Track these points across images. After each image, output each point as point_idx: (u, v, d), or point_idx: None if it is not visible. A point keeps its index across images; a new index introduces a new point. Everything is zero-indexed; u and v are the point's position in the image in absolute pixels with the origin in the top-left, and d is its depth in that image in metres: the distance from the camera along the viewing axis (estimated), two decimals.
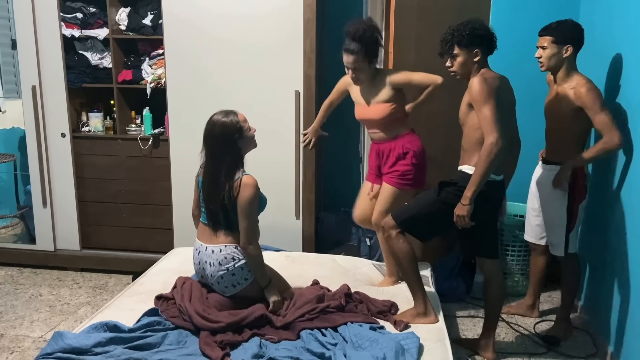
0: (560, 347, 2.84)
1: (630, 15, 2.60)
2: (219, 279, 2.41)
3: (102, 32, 3.63)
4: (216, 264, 2.40)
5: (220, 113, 2.42)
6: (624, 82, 2.66)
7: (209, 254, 2.43)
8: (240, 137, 2.39)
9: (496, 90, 2.34)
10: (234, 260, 2.40)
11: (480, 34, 2.43)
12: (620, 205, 2.62)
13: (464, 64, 2.45)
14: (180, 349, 2.19)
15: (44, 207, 3.76)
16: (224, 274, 2.40)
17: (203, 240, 2.48)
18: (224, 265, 2.39)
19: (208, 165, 2.43)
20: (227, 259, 2.40)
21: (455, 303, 3.35)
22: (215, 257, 2.41)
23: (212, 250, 2.42)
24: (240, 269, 2.40)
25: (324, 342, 2.21)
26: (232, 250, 2.41)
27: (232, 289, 2.42)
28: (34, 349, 2.78)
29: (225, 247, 2.41)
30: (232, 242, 2.43)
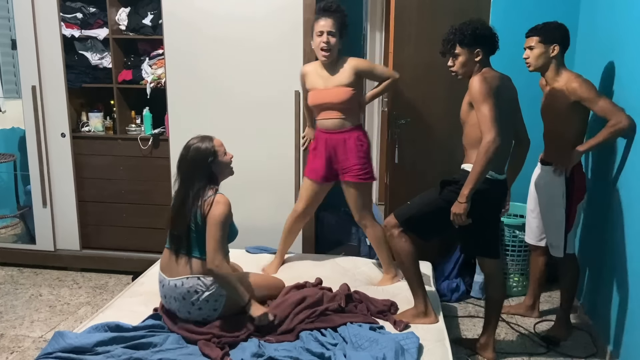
0: (560, 347, 2.84)
1: (630, 15, 2.60)
2: (186, 314, 2.31)
3: (102, 32, 3.63)
4: (180, 299, 2.29)
5: (196, 138, 2.37)
6: (624, 81, 2.66)
7: (172, 288, 2.31)
8: (213, 162, 2.33)
9: (496, 89, 2.35)
10: (198, 293, 2.28)
11: (482, 33, 2.43)
12: (620, 205, 2.62)
13: (465, 64, 2.46)
14: (180, 349, 2.19)
15: (44, 207, 3.76)
16: (190, 309, 2.29)
17: (165, 272, 2.35)
18: (188, 300, 2.28)
19: (178, 189, 2.34)
20: (191, 293, 2.28)
21: (455, 303, 3.35)
22: (179, 291, 2.29)
23: (175, 284, 2.30)
24: (206, 302, 2.29)
25: (323, 342, 2.22)
26: (195, 283, 2.28)
27: (204, 321, 2.32)
28: (34, 349, 2.78)
29: (187, 280, 2.29)
30: (196, 273, 2.30)
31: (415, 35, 3.40)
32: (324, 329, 2.32)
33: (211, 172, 2.34)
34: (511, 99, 2.49)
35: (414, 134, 3.48)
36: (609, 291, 2.71)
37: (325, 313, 2.40)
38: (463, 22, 2.47)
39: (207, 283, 2.29)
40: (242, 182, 3.48)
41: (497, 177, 2.46)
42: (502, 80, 2.41)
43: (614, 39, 2.80)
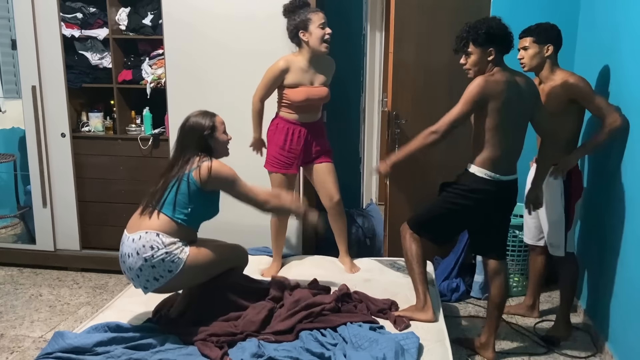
0: (560, 347, 2.84)
1: (630, 15, 2.60)
2: (137, 271, 2.21)
3: (102, 32, 3.63)
4: (134, 254, 2.20)
5: (198, 112, 2.38)
6: (624, 81, 2.66)
7: (129, 243, 2.23)
8: (210, 136, 2.32)
9: (492, 95, 2.34)
10: (153, 249, 2.18)
11: (496, 33, 2.42)
12: (619, 204, 2.62)
13: (478, 62, 2.44)
14: (179, 349, 2.19)
15: (44, 207, 3.76)
16: (142, 265, 2.19)
17: (128, 229, 2.31)
18: (141, 255, 2.18)
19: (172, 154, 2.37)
20: (146, 248, 2.18)
21: (456, 303, 3.35)
22: (134, 246, 2.20)
23: (133, 239, 2.22)
24: (161, 261, 2.18)
25: (323, 342, 2.22)
26: (153, 238, 2.19)
27: (153, 283, 2.23)
28: (34, 349, 2.78)
29: (145, 234, 2.20)
30: (156, 229, 2.22)
31: (415, 35, 3.40)
32: (324, 329, 2.32)
33: (207, 144, 2.32)
34: (523, 101, 2.44)
35: (414, 134, 3.46)
36: (609, 291, 2.71)
37: (322, 313, 2.40)
38: (478, 20, 2.46)
39: (165, 241, 2.20)
40: None
41: (501, 178, 2.45)
42: (508, 85, 2.38)
43: (613, 39, 2.80)
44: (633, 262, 2.47)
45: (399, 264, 3.18)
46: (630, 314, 2.47)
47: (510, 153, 2.49)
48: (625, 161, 2.59)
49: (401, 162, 2.58)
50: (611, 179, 2.74)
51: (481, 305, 3.30)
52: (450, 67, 3.44)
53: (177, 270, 2.21)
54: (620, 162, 2.64)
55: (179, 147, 2.34)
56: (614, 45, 2.79)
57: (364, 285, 2.82)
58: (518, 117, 2.46)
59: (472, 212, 2.52)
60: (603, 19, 2.98)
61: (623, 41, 2.67)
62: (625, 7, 2.66)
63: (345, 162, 4.12)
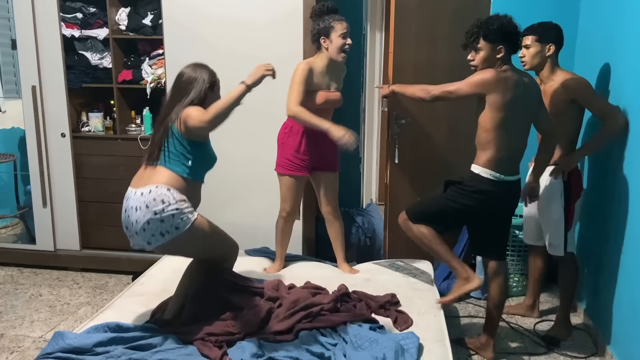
0: (560, 347, 2.84)
1: (630, 15, 2.60)
2: (144, 225, 2.15)
3: (102, 32, 3.63)
4: (143, 207, 2.15)
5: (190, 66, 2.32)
6: (624, 81, 2.66)
7: (137, 197, 2.18)
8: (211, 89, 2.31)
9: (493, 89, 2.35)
10: (164, 203, 2.14)
11: (508, 30, 2.40)
12: (619, 204, 2.62)
13: (487, 59, 2.44)
14: (179, 349, 2.19)
15: (44, 207, 3.76)
16: (150, 218, 2.14)
17: (134, 185, 2.27)
18: (151, 208, 2.14)
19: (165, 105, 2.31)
20: (157, 201, 2.14)
21: (456, 303, 3.35)
22: (143, 199, 2.15)
23: (141, 192, 2.18)
24: (171, 216, 2.15)
25: (323, 342, 2.22)
26: (164, 192, 2.16)
27: (159, 238, 2.17)
28: (34, 349, 2.78)
29: (156, 188, 2.17)
30: (166, 183, 2.18)
31: (415, 35, 3.39)
32: (323, 329, 2.32)
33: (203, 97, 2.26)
34: (528, 101, 2.44)
35: (414, 134, 3.48)
36: (609, 291, 2.71)
37: (321, 313, 2.40)
38: (490, 16, 2.45)
39: (175, 197, 2.17)
40: (240, 183, 3.50)
41: (505, 178, 2.45)
42: (516, 84, 2.38)
43: (613, 39, 2.80)
44: (633, 262, 2.47)
45: (398, 264, 3.18)
46: (631, 314, 2.47)
47: (514, 153, 2.49)
48: (626, 161, 2.59)
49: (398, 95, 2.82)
50: (611, 179, 2.74)
51: (481, 305, 3.30)
52: (450, 67, 3.44)
53: (183, 228, 2.17)
54: (620, 162, 2.64)
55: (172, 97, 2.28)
56: (614, 45, 2.79)
57: (364, 284, 2.82)
58: (523, 117, 2.45)
59: (474, 212, 2.52)
60: (603, 18, 2.98)
61: (623, 41, 2.67)
62: (625, 7, 2.66)
63: (345, 162, 4.11)
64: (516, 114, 2.40)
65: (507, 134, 2.42)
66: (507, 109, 2.38)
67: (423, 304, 2.65)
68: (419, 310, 2.57)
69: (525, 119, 2.48)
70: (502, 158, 2.45)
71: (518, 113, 2.41)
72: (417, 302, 2.66)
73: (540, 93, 2.55)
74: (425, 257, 3.27)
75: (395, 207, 3.53)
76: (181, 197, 2.20)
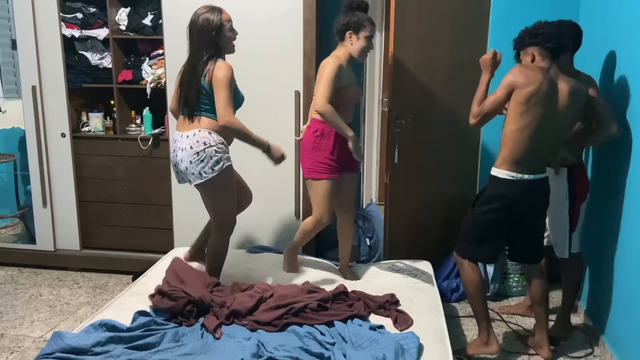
0: (560, 347, 2.84)
1: (630, 15, 2.60)
2: (187, 163, 2.53)
3: (102, 32, 3.63)
4: (187, 148, 2.52)
5: (205, 7, 2.55)
6: (623, 81, 2.66)
7: (183, 139, 2.55)
8: (218, 35, 2.53)
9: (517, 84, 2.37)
10: (205, 145, 2.51)
11: (535, 33, 2.47)
12: (621, 204, 2.62)
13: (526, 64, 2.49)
14: (178, 348, 2.19)
15: (44, 207, 3.76)
16: (193, 158, 2.51)
17: (180, 129, 2.61)
18: (194, 149, 2.51)
19: (189, 56, 2.57)
20: (199, 143, 2.51)
21: (455, 303, 3.35)
22: (188, 141, 2.53)
23: (187, 135, 2.54)
24: (209, 158, 2.51)
25: (322, 342, 2.22)
26: (205, 135, 2.53)
27: (198, 177, 2.54)
28: (34, 349, 2.78)
29: (198, 132, 2.53)
30: (207, 128, 2.54)
31: (415, 35, 3.39)
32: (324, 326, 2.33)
33: (216, 44, 2.54)
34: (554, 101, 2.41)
35: (414, 134, 3.48)
36: (609, 291, 2.71)
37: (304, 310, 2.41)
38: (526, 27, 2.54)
39: (216, 139, 2.54)
40: None
41: (524, 177, 2.44)
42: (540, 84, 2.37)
43: (613, 39, 2.80)
44: (634, 262, 2.46)
45: (398, 265, 3.18)
46: (631, 314, 2.47)
47: (536, 152, 2.45)
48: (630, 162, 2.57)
49: None
50: (613, 179, 2.74)
51: None
52: (450, 67, 3.45)
53: (218, 170, 2.54)
54: (622, 164, 2.63)
55: (193, 48, 2.56)
56: (614, 45, 2.79)
57: (364, 285, 2.82)
58: (550, 117, 2.41)
59: (503, 217, 2.51)
60: (603, 18, 2.98)
61: (623, 41, 2.67)
62: (626, 7, 2.66)
63: None
64: (539, 111, 2.37)
65: (527, 131, 2.39)
66: (527, 104, 2.36)
67: (423, 303, 2.65)
68: (419, 310, 2.57)
69: (553, 118, 2.43)
70: (520, 157, 2.43)
71: (542, 111, 2.38)
72: (418, 302, 2.66)
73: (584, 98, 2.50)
74: (424, 258, 3.27)
75: (395, 207, 3.54)
76: (220, 140, 2.56)
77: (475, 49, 3.42)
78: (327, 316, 2.40)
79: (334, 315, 2.41)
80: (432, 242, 3.57)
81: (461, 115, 3.52)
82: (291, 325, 2.34)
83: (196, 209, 3.48)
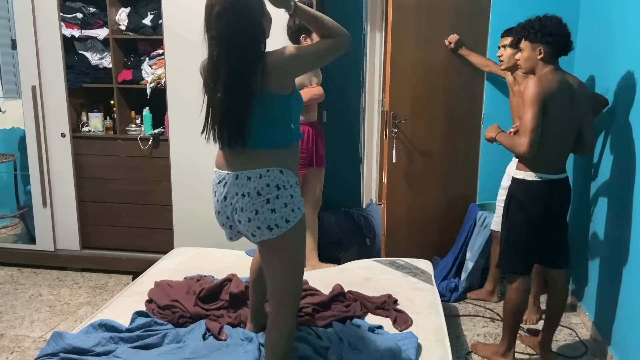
0: (559, 347, 2.84)
1: (630, 14, 2.60)
2: (250, 214, 1.77)
3: (102, 32, 3.63)
4: (254, 195, 1.76)
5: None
6: (623, 81, 2.66)
7: (243, 182, 1.77)
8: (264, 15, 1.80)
9: (549, 94, 2.32)
10: (279, 189, 1.76)
11: (549, 32, 2.39)
12: (621, 204, 2.62)
13: (528, 59, 2.44)
14: (180, 350, 2.18)
15: (44, 207, 3.77)
16: (261, 209, 1.76)
17: (229, 167, 1.81)
18: (263, 196, 1.75)
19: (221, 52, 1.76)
20: (270, 187, 1.76)
21: (455, 303, 3.35)
22: (253, 185, 1.76)
23: (248, 177, 1.77)
24: (284, 205, 1.77)
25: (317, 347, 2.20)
26: (278, 176, 1.77)
27: (266, 232, 1.78)
28: (34, 349, 2.78)
29: (267, 172, 1.77)
30: (277, 166, 1.78)
31: (414, 35, 3.40)
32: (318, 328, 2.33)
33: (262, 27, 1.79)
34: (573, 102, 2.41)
35: (413, 133, 3.48)
36: (609, 291, 2.71)
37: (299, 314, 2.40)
38: (538, 17, 2.45)
39: (290, 181, 1.80)
40: None
41: (548, 177, 2.43)
42: (560, 83, 2.37)
43: (613, 39, 2.80)
44: (633, 263, 2.46)
45: (398, 263, 3.18)
46: (631, 314, 2.47)
47: (558, 152, 2.45)
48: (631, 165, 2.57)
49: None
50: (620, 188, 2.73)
51: (481, 305, 3.30)
52: (448, 67, 3.45)
53: (294, 221, 1.79)
54: (624, 166, 2.63)
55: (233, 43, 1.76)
56: (614, 45, 2.79)
57: (364, 284, 2.82)
58: (568, 117, 2.41)
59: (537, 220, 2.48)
60: (603, 19, 2.98)
61: (623, 41, 2.67)
62: (626, 7, 2.66)
63: (345, 162, 4.12)
64: (559, 113, 2.36)
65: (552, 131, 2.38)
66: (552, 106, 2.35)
67: (423, 303, 2.65)
68: (419, 310, 2.57)
69: (570, 117, 2.43)
70: (544, 158, 2.41)
71: (561, 113, 2.37)
72: (417, 302, 2.66)
73: (588, 93, 2.52)
74: (424, 258, 3.27)
75: (393, 207, 3.54)
76: (295, 180, 1.83)
77: (475, 49, 3.42)
78: (323, 318, 2.40)
79: (330, 317, 2.41)
80: (432, 242, 3.57)
81: (460, 114, 3.53)
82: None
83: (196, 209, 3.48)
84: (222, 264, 2.95)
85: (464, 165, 3.58)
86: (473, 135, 3.54)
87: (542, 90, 2.32)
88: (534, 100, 2.32)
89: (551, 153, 2.42)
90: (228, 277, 2.66)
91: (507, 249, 2.56)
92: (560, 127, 2.39)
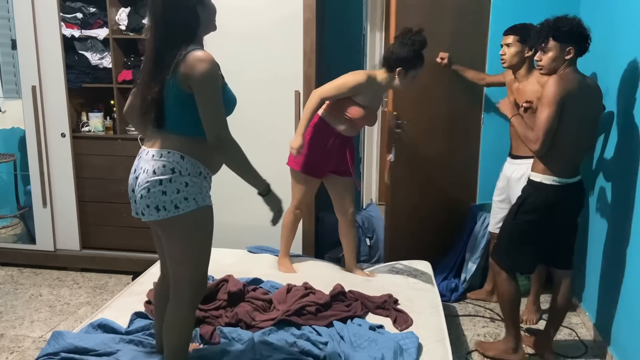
0: (560, 348, 2.84)
1: (631, 15, 2.60)
2: (143, 191, 1.80)
3: (102, 32, 3.63)
4: (150, 172, 1.80)
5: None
6: (623, 81, 2.66)
7: (148, 159, 1.82)
8: (200, 3, 1.82)
9: (569, 94, 2.31)
10: (174, 173, 1.79)
11: (578, 32, 2.37)
12: (621, 204, 2.61)
13: (555, 59, 2.39)
14: None
15: (44, 207, 3.76)
16: (152, 186, 1.79)
17: (147, 144, 1.89)
18: (157, 176, 1.79)
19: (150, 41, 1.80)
20: (166, 169, 1.79)
21: (455, 303, 3.35)
22: (154, 163, 1.80)
23: (153, 154, 1.82)
24: (176, 191, 1.78)
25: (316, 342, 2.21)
26: (177, 160, 1.80)
27: (153, 212, 1.81)
28: (34, 349, 2.78)
29: (168, 154, 1.80)
30: (180, 151, 1.81)
31: None
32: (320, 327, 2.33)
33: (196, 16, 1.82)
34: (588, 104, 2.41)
35: (413, 133, 3.48)
36: (609, 291, 2.71)
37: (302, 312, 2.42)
38: (560, 17, 2.40)
39: (188, 168, 1.82)
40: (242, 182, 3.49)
41: (565, 181, 2.42)
42: (580, 84, 2.36)
43: (613, 39, 2.80)
44: (633, 263, 2.46)
45: (398, 267, 3.18)
46: (631, 315, 2.47)
47: (574, 156, 2.45)
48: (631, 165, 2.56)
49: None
50: (614, 180, 2.74)
51: (481, 305, 3.30)
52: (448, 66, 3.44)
53: (184, 210, 1.80)
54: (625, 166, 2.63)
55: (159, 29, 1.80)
56: (614, 45, 2.79)
57: (364, 285, 2.82)
58: (585, 118, 2.40)
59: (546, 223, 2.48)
60: (603, 19, 2.98)
61: (623, 41, 2.67)
62: (626, 7, 2.66)
63: None
64: (578, 115, 2.35)
65: (567, 137, 2.37)
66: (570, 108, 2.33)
67: (423, 303, 2.65)
68: (419, 310, 2.57)
69: (587, 119, 2.42)
70: (562, 161, 2.41)
71: (580, 114, 2.36)
72: (417, 302, 2.66)
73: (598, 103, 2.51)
74: (424, 258, 3.27)
75: (395, 208, 3.54)
76: (197, 170, 1.84)
77: (476, 48, 3.42)
78: (324, 318, 2.40)
79: (331, 316, 2.42)
80: (432, 242, 3.57)
81: (461, 114, 3.53)
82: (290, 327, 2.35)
83: None
84: (221, 264, 2.95)
85: (464, 166, 3.58)
86: (475, 135, 3.54)
87: (562, 91, 2.31)
88: (553, 99, 2.31)
89: (568, 155, 2.41)
90: (224, 278, 2.66)
91: (511, 246, 2.55)
92: (578, 128, 2.38)
